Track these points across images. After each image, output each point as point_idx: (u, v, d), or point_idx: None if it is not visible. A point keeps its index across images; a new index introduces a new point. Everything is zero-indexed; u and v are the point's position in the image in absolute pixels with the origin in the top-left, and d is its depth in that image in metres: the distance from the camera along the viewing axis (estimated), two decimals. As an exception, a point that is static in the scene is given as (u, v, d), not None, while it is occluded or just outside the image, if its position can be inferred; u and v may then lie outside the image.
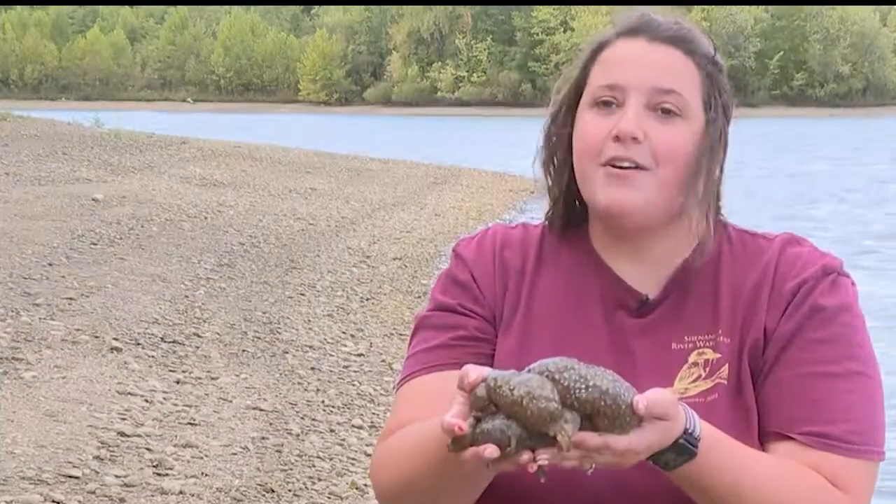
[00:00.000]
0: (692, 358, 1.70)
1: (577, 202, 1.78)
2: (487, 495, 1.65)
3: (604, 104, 1.70)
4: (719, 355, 1.70)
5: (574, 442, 1.42)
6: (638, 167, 1.67)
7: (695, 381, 1.70)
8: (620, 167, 1.67)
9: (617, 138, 1.67)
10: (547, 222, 1.82)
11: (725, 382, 1.69)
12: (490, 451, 1.42)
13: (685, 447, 1.51)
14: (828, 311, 1.69)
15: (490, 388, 1.43)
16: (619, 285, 1.74)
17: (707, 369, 1.70)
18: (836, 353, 1.67)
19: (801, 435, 1.65)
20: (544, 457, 1.42)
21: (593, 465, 1.46)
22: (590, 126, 1.70)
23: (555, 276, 1.79)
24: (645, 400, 1.43)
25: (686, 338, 1.71)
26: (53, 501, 4.65)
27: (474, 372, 1.46)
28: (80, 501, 4.71)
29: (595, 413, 1.42)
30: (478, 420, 1.44)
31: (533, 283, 1.79)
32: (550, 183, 1.80)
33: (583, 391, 1.41)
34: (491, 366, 1.73)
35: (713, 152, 1.71)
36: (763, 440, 1.68)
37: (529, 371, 1.44)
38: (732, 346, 1.70)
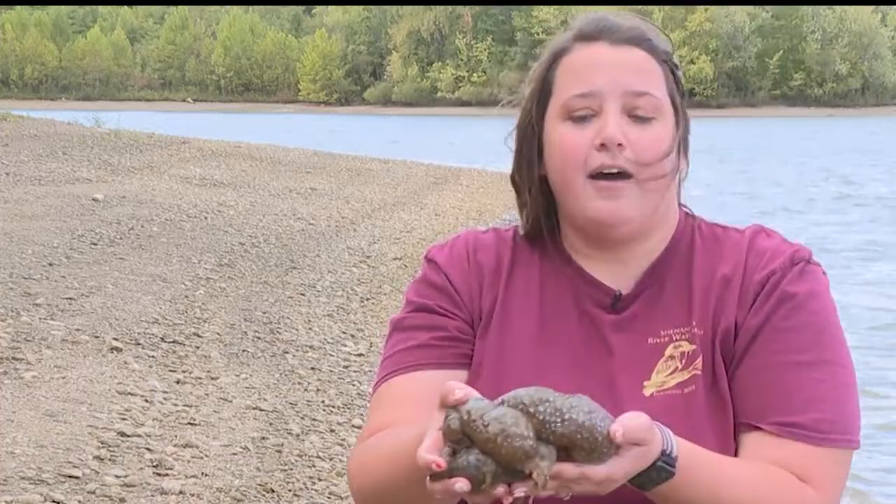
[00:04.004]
0: (668, 351, 1.71)
1: (547, 212, 1.78)
2: None
3: (580, 117, 1.69)
4: (695, 346, 1.70)
5: (551, 474, 1.40)
6: (624, 174, 1.67)
7: (671, 373, 1.70)
8: (608, 175, 1.67)
9: (603, 146, 1.66)
10: (521, 231, 1.83)
11: (700, 373, 1.69)
12: (461, 484, 1.40)
13: (663, 468, 1.51)
14: (797, 298, 1.68)
15: (464, 422, 1.41)
16: (591, 283, 1.75)
17: (683, 361, 1.70)
18: (805, 341, 1.67)
19: (770, 425, 1.65)
20: (520, 490, 1.41)
21: (570, 494, 1.45)
22: (569, 137, 1.70)
23: (529, 276, 1.79)
24: (622, 429, 1.42)
25: (662, 332, 1.72)
26: (53, 501, 4.64)
27: (460, 391, 1.44)
28: (80, 501, 4.71)
29: (571, 446, 1.41)
30: (454, 451, 1.42)
31: (508, 283, 1.78)
32: (521, 193, 1.81)
33: (558, 425, 1.40)
34: (470, 366, 1.74)
35: (683, 147, 1.74)
36: (735, 431, 1.68)
37: (503, 403, 1.42)
38: (705, 337, 1.70)
